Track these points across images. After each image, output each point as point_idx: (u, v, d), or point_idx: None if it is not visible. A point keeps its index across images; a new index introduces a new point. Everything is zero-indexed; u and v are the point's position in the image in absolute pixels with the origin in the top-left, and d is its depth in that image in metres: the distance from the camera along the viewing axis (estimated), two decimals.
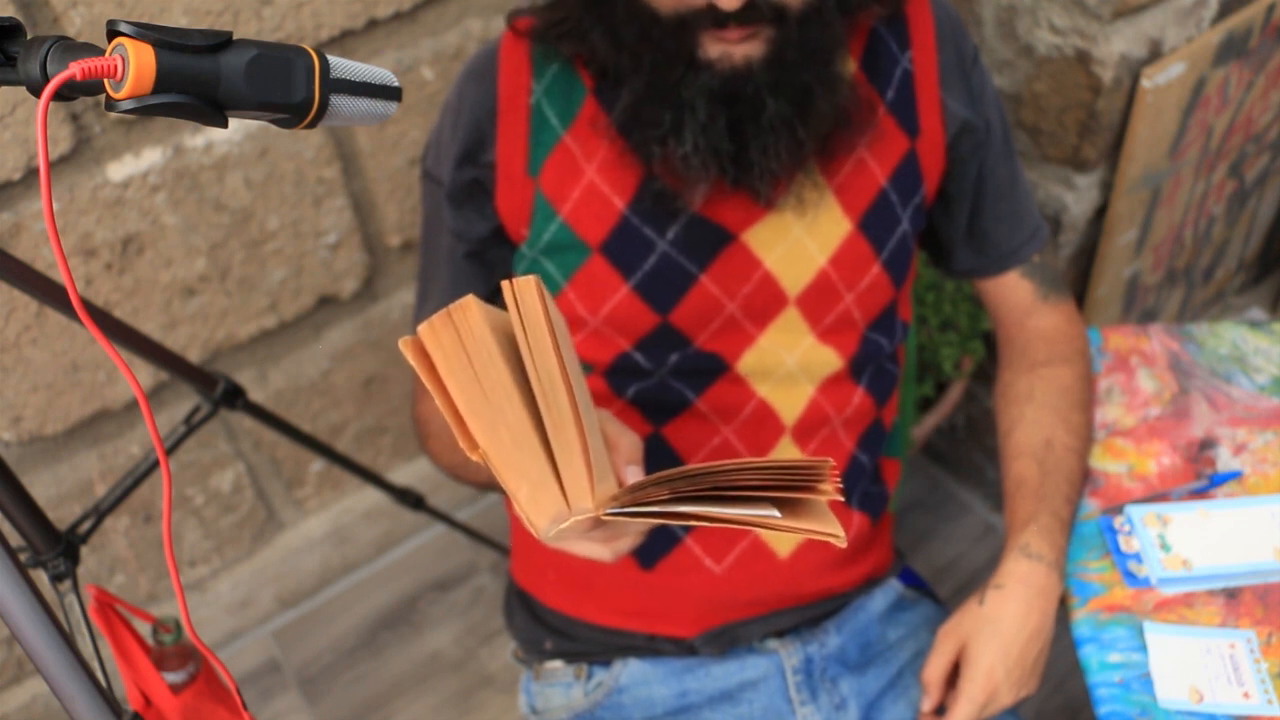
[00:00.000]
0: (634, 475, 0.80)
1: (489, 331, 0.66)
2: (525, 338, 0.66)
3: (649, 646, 1.06)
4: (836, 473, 0.66)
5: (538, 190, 0.96)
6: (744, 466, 0.65)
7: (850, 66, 0.95)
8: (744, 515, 0.66)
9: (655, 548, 1.03)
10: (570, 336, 0.79)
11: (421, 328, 0.66)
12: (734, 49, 0.84)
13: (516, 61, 0.96)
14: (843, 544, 0.67)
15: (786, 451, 1.02)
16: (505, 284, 0.66)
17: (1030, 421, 1.02)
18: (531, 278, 0.66)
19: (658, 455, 1.02)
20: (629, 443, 0.81)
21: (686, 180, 0.89)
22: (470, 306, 0.66)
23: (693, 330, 0.98)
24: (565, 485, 0.67)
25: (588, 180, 0.95)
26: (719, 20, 0.82)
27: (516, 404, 0.66)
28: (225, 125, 0.58)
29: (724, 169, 0.88)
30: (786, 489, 0.65)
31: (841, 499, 0.67)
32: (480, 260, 1.03)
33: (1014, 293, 1.08)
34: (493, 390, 0.66)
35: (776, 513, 0.66)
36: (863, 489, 1.08)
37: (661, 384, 1.00)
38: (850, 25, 0.93)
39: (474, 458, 0.67)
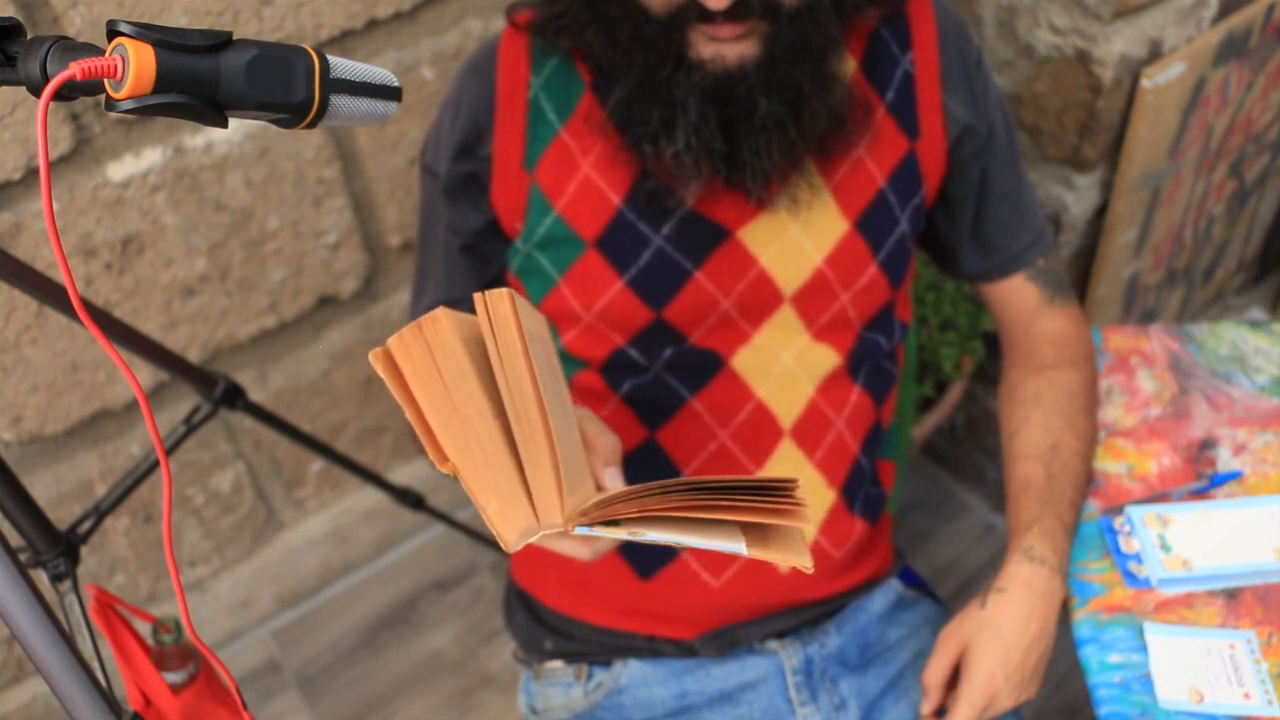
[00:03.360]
0: (611, 478, 0.80)
1: (459, 344, 0.65)
2: (497, 350, 0.66)
3: (649, 647, 1.06)
4: (805, 497, 0.66)
5: (533, 184, 0.96)
6: (713, 485, 0.64)
7: (850, 67, 0.95)
8: (710, 547, 0.66)
9: (653, 560, 1.03)
10: (550, 343, 0.79)
11: (391, 340, 0.65)
12: (727, 49, 0.84)
13: (515, 55, 0.96)
14: (810, 571, 0.67)
15: (788, 454, 1.02)
16: (477, 295, 0.66)
17: (1037, 424, 1.02)
18: (504, 290, 0.66)
19: (653, 464, 1.01)
20: (608, 444, 0.81)
21: (679, 178, 0.89)
22: (440, 319, 0.65)
23: (687, 327, 0.98)
24: (534, 499, 0.66)
25: (584, 175, 0.95)
26: (705, 15, 0.82)
27: (487, 417, 0.66)
28: (225, 125, 0.58)
29: (716, 168, 0.88)
30: (757, 512, 0.65)
31: (810, 525, 0.66)
32: (475, 254, 1.03)
33: (1019, 296, 1.08)
34: (463, 403, 0.66)
35: (742, 547, 0.66)
36: (864, 492, 1.07)
37: (656, 380, 1.00)
38: (848, 26, 0.93)
39: (443, 470, 0.67)
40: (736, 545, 0.66)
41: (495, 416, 0.66)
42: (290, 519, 1.81)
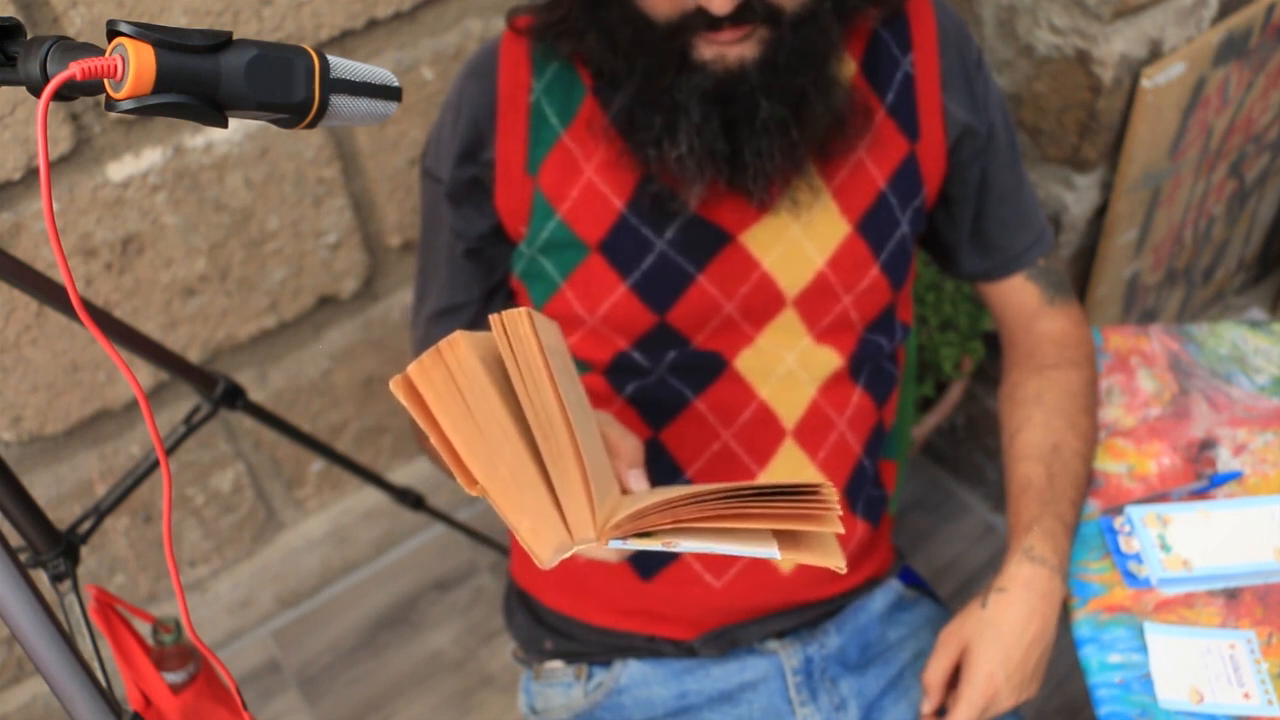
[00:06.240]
0: (636, 479, 0.81)
1: (480, 366, 0.65)
2: (519, 372, 0.65)
3: (649, 647, 1.06)
4: (837, 500, 0.66)
5: (536, 189, 0.96)
6: (745, 492, 0.65)
7: (850, 69, 0.95)
8: (744, 554, 0.66)
9: (654, 560, 1.03)
10: (567, 352, 0.79)
11: (411, 367, 0.65)
12: (728, 50, 0.85)
13: (516, 59, 0.96)
14: (844, 572, 0.68)
15: (790, 455, 1.02)
16: (494, 318, 0.65)
17: (1038, 424, 1.02)
18: (522, 310, 0.65)
19: (656, 464, 1.01)
20: (630, 446, 0.81)
21: (682, 181, 0.89)
22: (459, 343, 0.65)
23: (690, 330, 0.98)
24: (566, 515, 0.66)
25: (586, 179, 0.95)
26: (712, 23, 0.82)
27: (513, 438, 0.66)
28: (225, 125, 0.58)
29: (719, 170, 0.88)
30: (790, 518, 0.65)
31: (842, 530, 0.67)
32: (479, 258, 1.03)
33: (1019, 296, 1.08)
34: (488, 426, 0.65)
35: (776, 552, 0.66)
36: (866, 494, 1.07)
37: (660, 382, 1.00)
38: (848, 29, 0.93)
39: (473, 493, 0.67)
40: (770, 550, 0.66)
41: (521, 435, 0.66)
42: (290, 519, 1.81)
